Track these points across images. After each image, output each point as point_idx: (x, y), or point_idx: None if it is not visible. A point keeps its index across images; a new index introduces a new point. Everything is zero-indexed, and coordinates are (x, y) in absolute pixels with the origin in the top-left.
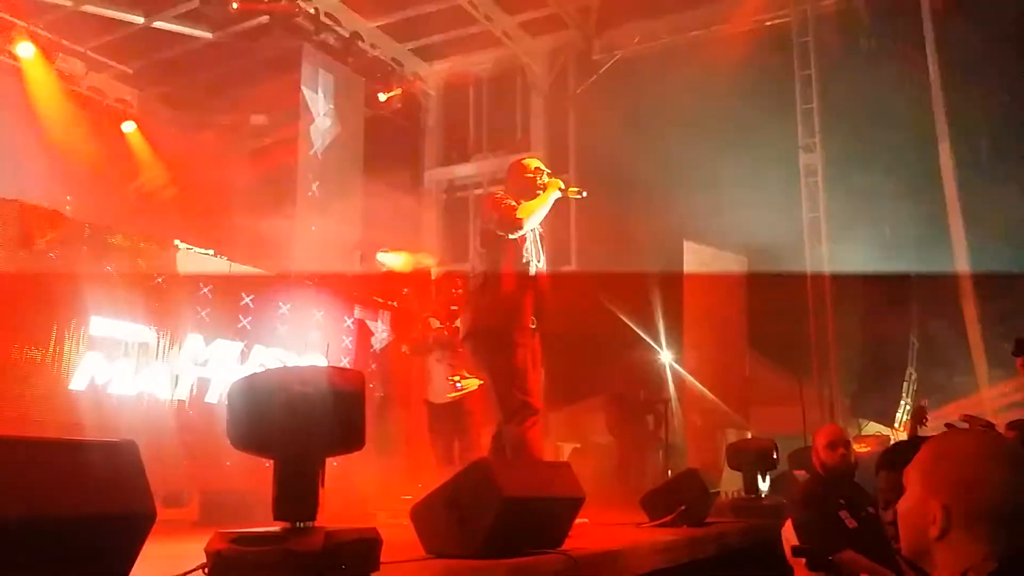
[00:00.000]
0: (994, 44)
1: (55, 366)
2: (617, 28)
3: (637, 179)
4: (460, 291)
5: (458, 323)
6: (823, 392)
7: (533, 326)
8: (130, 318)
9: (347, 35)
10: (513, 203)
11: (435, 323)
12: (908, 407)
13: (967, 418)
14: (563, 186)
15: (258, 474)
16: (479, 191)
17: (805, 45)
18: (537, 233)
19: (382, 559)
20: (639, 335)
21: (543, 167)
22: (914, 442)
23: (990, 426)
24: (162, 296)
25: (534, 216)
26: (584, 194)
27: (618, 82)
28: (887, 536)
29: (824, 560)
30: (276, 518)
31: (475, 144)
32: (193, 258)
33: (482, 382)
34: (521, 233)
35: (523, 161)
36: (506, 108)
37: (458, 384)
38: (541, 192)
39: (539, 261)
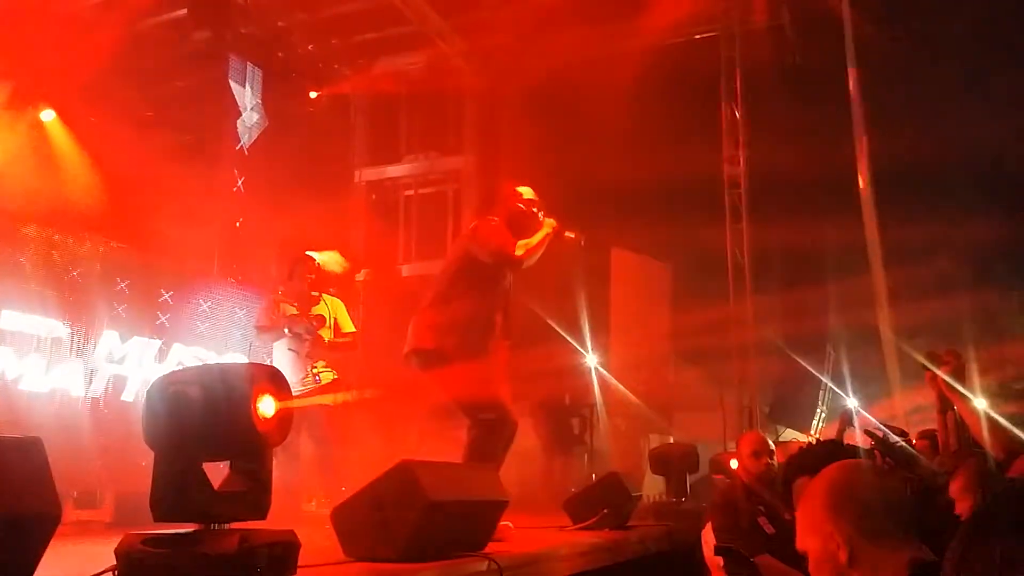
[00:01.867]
0: (914, 62)
1: None
2: (547, 36)
3: (566, 185)
4: (314, 276)
5: (319, 310)
6: (743, 399)
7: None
8: (42, 312)
9: (277, 29)
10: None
11: (290, 309)
12: (824, 415)
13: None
14: (555, 226)
15: None
16: (409, 192)
17: (732, 60)
18: None
19: (300, 562)
20: (566, 339)
21: (535, 199)
22: (828, 448)
23: (903, 434)
24: (77, 290)
25: (533, 258)
26: (574, 236)
27: (549, 88)
28: None
29: (746, 561)
30: (154, 519)
31: (406, 145)
32: None
33: (337, 376)
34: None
35: (517, 188)
36: (438, 110)
37: (318, 376)
38: (531, 224)
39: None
